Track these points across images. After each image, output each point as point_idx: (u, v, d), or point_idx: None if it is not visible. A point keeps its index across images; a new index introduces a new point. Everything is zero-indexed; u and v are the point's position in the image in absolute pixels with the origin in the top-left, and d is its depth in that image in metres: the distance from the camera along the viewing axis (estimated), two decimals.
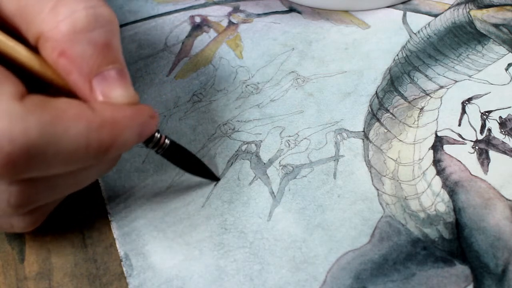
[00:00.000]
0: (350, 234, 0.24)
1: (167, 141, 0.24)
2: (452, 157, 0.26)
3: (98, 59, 0.19)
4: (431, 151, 0.27)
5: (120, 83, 0.20)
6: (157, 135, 0.23)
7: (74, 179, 0.21)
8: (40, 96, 0.19)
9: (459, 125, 0.28)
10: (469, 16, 0.32)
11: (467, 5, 0.33)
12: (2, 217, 0.21)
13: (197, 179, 0.26)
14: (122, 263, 0.24)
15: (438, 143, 0.27)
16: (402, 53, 0.31)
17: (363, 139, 0.28)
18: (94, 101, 0.20)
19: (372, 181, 0.26)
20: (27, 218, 0.22)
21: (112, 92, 0.20)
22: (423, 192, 0.25)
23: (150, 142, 0.23)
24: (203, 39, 0.34)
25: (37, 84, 0.20)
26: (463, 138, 0.27)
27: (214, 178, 0.26)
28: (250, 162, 0.27)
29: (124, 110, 0.20)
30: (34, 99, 0.18)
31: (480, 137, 0.27)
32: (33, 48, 0.20)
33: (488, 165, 0.26)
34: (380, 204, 0.25)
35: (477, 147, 0.27)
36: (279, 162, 0.27)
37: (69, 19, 0.19)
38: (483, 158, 0.26)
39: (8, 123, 0.17)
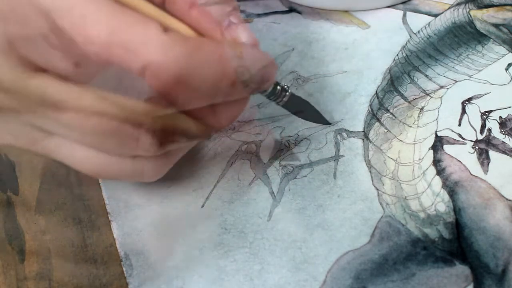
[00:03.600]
0: (350, 234, 0.24)
1: (287, 92, 0.24)
2: (452, 157, 0.26)
3: (224, 7, 0.21)
4: (431, 151, 0.27)
5: (243, 27, 0.21)
6: (279, 86, 0.24)
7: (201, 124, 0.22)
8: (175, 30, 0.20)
9: (459, 125, 0.28)
10: (469, 16, 0.32)
11: (467, 5, 0.33)
12: (138, 161, 0.22)
13: (196, 180, 0.26)
14: (122, 263, 0.24)
15: (438, 143, 0.27)
16: (402, 53, 0.31)
17: (363, 139, 0.28)
18: None
19: (372, 181, 0.26)
20: (159, 162, 0.23)
21: (239, 36, 0.21)
22: (423, 192, 0.25)
23: (273, 93, 0.24)
24: None
25: None
26: (463, 138, 0.27)
27: (325, 122, 0.28)
28: (250, 162, 0.27)
29: (250, 48, 0.21)
30: (174, 32, 0.19)
31: (480, 137, 0.27)
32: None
33: (488, 165, 0.26)
34: (380, 204, 0.25)
35: (477, 147, 0.27)
36: (279, 162, 0.27)
37: None
38: (483, 158, 0.26)
39: (161, 53, 0.18)
